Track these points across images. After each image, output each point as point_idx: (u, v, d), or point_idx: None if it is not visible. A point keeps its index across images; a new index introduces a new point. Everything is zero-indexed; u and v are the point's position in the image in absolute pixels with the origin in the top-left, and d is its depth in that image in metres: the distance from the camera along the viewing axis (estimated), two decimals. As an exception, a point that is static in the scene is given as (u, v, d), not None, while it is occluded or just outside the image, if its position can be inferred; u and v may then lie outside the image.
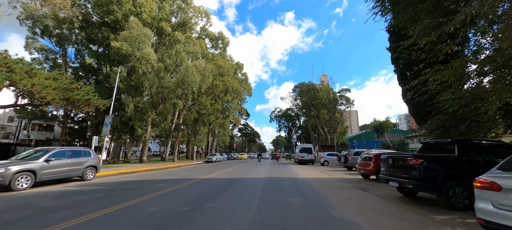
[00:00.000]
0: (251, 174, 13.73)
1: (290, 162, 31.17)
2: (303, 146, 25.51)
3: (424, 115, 12.09)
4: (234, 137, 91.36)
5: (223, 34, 33.82)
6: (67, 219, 4.38)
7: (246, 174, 13.37)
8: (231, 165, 22.34)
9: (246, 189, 8.00)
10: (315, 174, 14.13)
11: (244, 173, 13.95)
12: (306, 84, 53.49)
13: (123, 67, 22.46)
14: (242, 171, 15.41)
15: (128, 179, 11.25)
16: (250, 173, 14.39)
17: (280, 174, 13.67)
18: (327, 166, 22.55)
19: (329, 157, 22.89)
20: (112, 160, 27.55)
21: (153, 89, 25.25)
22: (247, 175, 12.77)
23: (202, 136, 36.02)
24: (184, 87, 23.19)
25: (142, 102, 24.14)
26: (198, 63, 23.81)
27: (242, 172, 15.01)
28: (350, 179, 11.63)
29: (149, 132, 25.73)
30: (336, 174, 14.26)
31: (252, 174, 13.75)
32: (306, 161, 24.85)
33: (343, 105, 53.75)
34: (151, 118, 25.45)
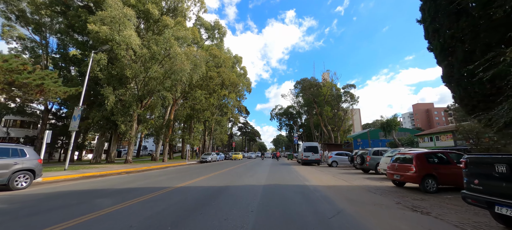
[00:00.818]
0: (246, 179, 10.60)
1: (292, 162, 28.00)
2: (307, 144, 22.36)
3: (479, 101, 8.93)
4: (234, 135, 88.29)
5: (219, 23, 30.70)
6: None
7: (239, 180, 10.23)
8: (225, 166, 19.23)
9: (231, 210, 4.87)
10: (327, 179, 10.98)
11: (237, 178, 10.82)
12: (308, 80, 50.28)
13: (103, 54, 19.41)
14: (235, 175, 12.27)
15: (77, 187, 8.15)
16: (244, 177, 11.25)
17: (283, 179, 10.53)
18: (336, 167, 19.40)
19: (338, 157, 19.74)
20: (95, 159, 24.52)
21: (138, 80, 22.16)
22: (240, 181, 9.64)
23: (197, 134, 32.93)
24: (172, 77, 20.07)
25: (126, 95, 21.05)
26: (189, 51, 20.69)
27: (235, 176, 11.87)
28: (379, 187, 8.48)
29: (135, 129, 22.64)
30: (354, 179, 11.10)
31: (247, 179, 10.61)
32: (311, 161, 21.71)
33: (347, 103, 50.55)
34: (137, 113, 22.36)
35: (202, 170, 15.27)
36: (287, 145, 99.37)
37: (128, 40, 18.08)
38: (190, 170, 15.87)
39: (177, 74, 19.26)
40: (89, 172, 13.18)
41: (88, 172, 12.91)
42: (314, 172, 14.41)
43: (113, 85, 21.39)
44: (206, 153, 30.28)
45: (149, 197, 6.19)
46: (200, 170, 15.32)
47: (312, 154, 21.58)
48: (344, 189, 8.06)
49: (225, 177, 11.09)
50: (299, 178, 11.00)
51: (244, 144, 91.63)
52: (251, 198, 6.23)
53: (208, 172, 13.90)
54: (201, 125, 34.95)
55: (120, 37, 18.19)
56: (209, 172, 13.90)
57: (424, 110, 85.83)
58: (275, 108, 66.03)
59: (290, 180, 10.38)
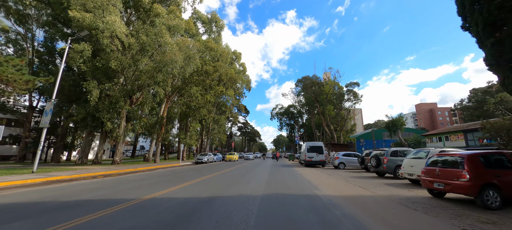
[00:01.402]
0: (240, 186, 8.53)
1: (294, 164, 25.89)
2: (311, 144, 20.26)
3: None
4: (234, 135, 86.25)
5: (216, 16, 28.71)
6: None
7: (231, 187, 8.16)
8: (219, 168, 17.17)
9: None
10: (341, 186, 8.89)
11: (229, 185, 8.75)
12: (310, 78, 48.19)
13: (86, 44, 17.42)
14: (227, 180, 10.19)
15: (14, 199, 6.11)
16: (238, 183, 9.17)
17: (286, 187, 8.46)
18: (343, 169, 17.33)
19: (345, 158, 17.65)
20: (80, 160, 22.49)
21: (128, 74, 20.16)
22: (232, 190, 7.57)
23: (194, 133, 30.88)
24: (163, 70, 18.06)
25: (113, 89, 19.03)
26: (181, 41, 18.67)
27: (227, 181, 9.80)
28: (412, 198, 6.41)
29: (123, 127, 20.62)
30: (374, 185, 9.02)
31: (241, 186, 8.54)
32: (315, 162, 19.61)
33: (350, 102, 48.40)
34: (125, 110, 20.34)
35: (191, 174, 13.22)
36: (287, 145, 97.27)
37: (112, 27, 16.08)
38: (178, 172, 13.82)
39: (167, 66, 17.23)
40: (59, 175, 11.17)
41: (58, 176, 10.88)
42: (321, 176, 12.32)
43: (98, 79, 19.41)
44: (202, 153, 28.22)
45: (89, 219, 4.12)
46: (189, 173, 13.28)
47: (316, 154, 19.50)
48: (369, 201, 5.99)
49: (215, 183, 9.03)
50: (306, 185, 8.91)
51: (244, 144, 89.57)
52: (241, 219, 4.17)
53: (196, 176, 11.85)
54: (197, 123, 32.91)
55: (104, 24, 16.19)
56: (198, 176, 11.84)
57: (427, 110, 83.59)
58: (275, 108, 64.02)
59: (295, 187, 8.29)
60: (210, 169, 16.68)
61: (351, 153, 18.06)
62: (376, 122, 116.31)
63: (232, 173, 13.25)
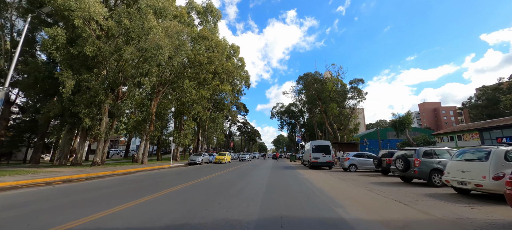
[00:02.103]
0: (225, 202, 6.03)
1: (297, 165, 23.38)
2: (317, 143, 17.75)
3: None
4: (233, 135, 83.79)
5: (212, 5, 26.29)
6: None
7: (210, 206, 5.65)
8: (210, 171, 14.70)
9: None
10: (367, 198, 6.40)
11: (209, 201, 6.22)
12: (312, 75, 45.70)
13: (60, 28, 15.02)
14: (210, 191, 7.71)
15: None
16: (224, 198, 6.67)
17: (293, 202, 5.96)
18: (355, 172, 14.84)
19: (357, 160, 15.14)
20: (58, 161, 20.05)
21: (110, 64, 17.73)
22: (208, 213, 5.09)
23: (188, 132, 28.41)
24: (148, 58, 15.61)
25: (91, 81, 16.58)
26: (170, 25, 16.23)
27: (211, 193, 7.32)
28: (495, 223, 3.92)
29: (105, 124, 18.18)
30: (408, 196, 6.54)
31: (226, 202, 6.05)
32: (321, 164, 17.11)
33: (353, 99, 45.84)
34: (108, 104, 17.92)
35: (172, 179, 10.77)
36: (288, 145, 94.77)
37: (86, 6, 13.65)
38: (158, 177, 11.37)
39: (151, 52, 14.77)
40: (9, 181, 8.74)
41: (4, 182, 8.46)
42: (335, 182, 9.81)
43: (77, 69, 16.99)
44: (196, 154, 25.75)
45: None
46: (170, 178, 10.82)
47: (323, 155, 17.00)
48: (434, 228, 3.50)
49: (192, 196, 6.55)
50: (320, 198, 6.41)
51: (243, 144, 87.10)
52: None
53: (175, 182, 9.37)
54: (193, 122, 30.44)
55: (77, 3, 13.77)
56: (177, 182, 9.37)
57: (431, 110, 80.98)
58: (276, 106, 61.48)
59: (307, 203, 5.77)
60: (199, 172, 14.20)
61: (364, 153, 15.55)
62: (378, 122, 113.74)
63: (222, 178, 10.75)
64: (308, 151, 18.79)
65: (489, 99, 44.63)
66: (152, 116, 20.86)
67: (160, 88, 22.02)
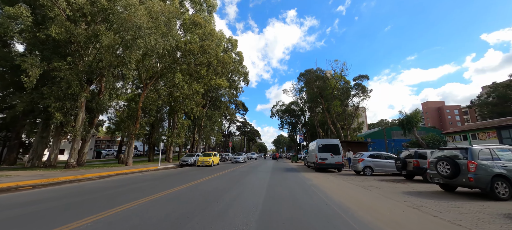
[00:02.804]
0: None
1: (299, 167, 20.94)
2: (324, 141, 15.29)
3: None
4: (232, 135, 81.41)
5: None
6: None
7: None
8: (197, 176, 12.28)
9: None
10: (427, 224, 3.95)
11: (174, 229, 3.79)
12: (314, 72, 43.27)
13: (24, 8, 12.66)
14: (181, 209, 5.30)
15: None
16: (197, 222, 4.24)
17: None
18: (370, 175, 12.42)
19: (373, 161, 12.70)
20: (30, 162, 17.66)
21: (86, 51, 15.35)
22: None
23: (182, 130, 26.03)
24: (126, 41, 13.21)
25: (65, 70, 14.18)
26: (152, 3, 13.83)
27: (183, 211, 4.90)
28: None
29: (81, 120, 15.78)
30: (477, 217, 4.11)
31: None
32: (329, 166, 14.66)
33: (357, 97, 43.37)
34: (84, 98, 15.52)
35: (146, 187, 8.37)
36: (288, 145, 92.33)
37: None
38: (130, 184, 8.95)
39: (127, 32, 12.37)
40: None
41: None
42: (356, 192, 7.38)
43: (48, 57, 14.62)
44: (189, 154, 23.33)
45: None
46: (143, 186, 8.42)
47: (331, 155, 14.55)
48: None
49: (152, 219, 4.14)
50: (349, 223, 3.98)
51: (243, 144, 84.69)
52: None
53: (145, 193, 6.98)
54: (186, 120, 28.06)
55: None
56: (147, 193, 6.97)
57: (435, 109, 78.48)
58: (276, 105, 59.02)
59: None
60: (185, 176, 11.78)
61: (381, 153, 13.09)
62: (379, 121, 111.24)
63: (209, 186, 8.32)
64: (313, 150, 16.36)
65: (500, 96, 42.16)
66: (137, 112, 18.44)
67: (148, 81, 19.63)
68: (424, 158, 10.08)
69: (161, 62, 18.60)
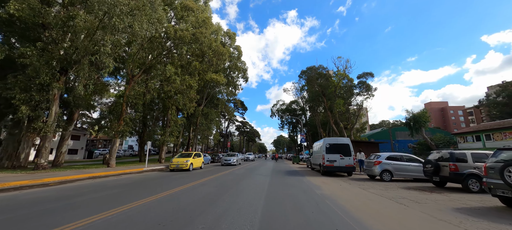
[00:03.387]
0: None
1: (302, 169, 18.82)
2: (332, 140, 13.15)
3: None
4: (232, 135, 79.32)
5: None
6: None
7: None
8: (176, 183, 10.20)
9: None
10: None
11: None
12: (315, 69, 41.23)
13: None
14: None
15: None
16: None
17: None
18: (389, 180, 10.32)
19: (391, 164, 10.58)
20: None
21: (66, 39, 13.29)
22: None
23: (175, 129, 23.95)
24: (103, 20, 11.14)
25: (32, 56, 12.10)
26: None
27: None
28: None
29: (55, 115, 13.69)
30: None
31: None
32: (338, 169, 12.53)
33: (361, 95, 41.22)
34: (57, 89, 13.44)
35: (109, 197, 6.27)
36: (288, 146, 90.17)
37: None
38: (84, 194, 6.86)
39: (99, 8, 10.29)
40: None
41: None
42: (388, 209, 5.25)
43: (6, 39, 12.56)
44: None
45: None
46: (98, 196, 6.32)
47: (341, 157, 12.43)
48: None
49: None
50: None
51: (242, 145, 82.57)
52: None
53: (98, 209, 4.86)
54: (180, 117, 25.96)
55: None
56: (102, 209, 4.86)
57: (439, 110, 76.30)
58: (276, 104, 56.90)
59: None
60: (164, 183, 9.69)
61: (402, 155, 10.94)
62: (381, 122, 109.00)
63: (195, 195, 6.20)
64: (319, 151, 14.25)
65: (511, 96, 40.04)
66: (120, 107, 16.34)
67: (135, 73, 17.55)
68: (463, 161, 7.96)
69: (149, 51, 16.53)
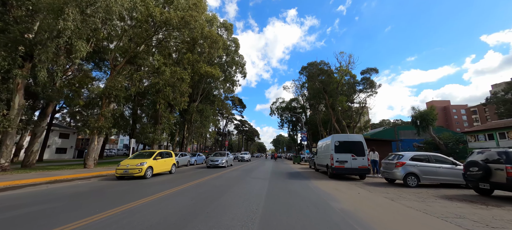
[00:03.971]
0: None
1: (304, 170, 16.74)
2: (342, 137, 11.06)
3: None
4: (231, 134, 77.25)
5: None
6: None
7: None
8: (138, 195, 8.14)
9: None
10: None
11: None
12: (317, 65, 39.12)
13: None
14: None
15: None
16: None
17: None
18: (415, 186, 8.25)
19: (417, 166, 8.51)
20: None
21: (34, 20, 11.18)
22: None
23: (166, 126, 21.90)
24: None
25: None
26: None
27: None
28: None
29: (18, 107, 11.59)
30: None
31: None
32: (349, 171, 10.46)
33: (365, 92, 39.20)
34: (21, 78, 11.36)
35: (39, 211, 4.11)
36: (288, 145, 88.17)
37: None
38: (23, 206, 4.73)
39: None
40: None
41: None
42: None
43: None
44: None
45: None
46: (37, 209, 4.19)
47: (353, 156, 10.37)
48: None
49: None
50: None
51: (241, 144, 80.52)
52: None
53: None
54: (171, 114, 23.86)
55: None
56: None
57: (441, 109, 74.34)
58: (276, 102, 54.81)
59: None
60: (123, 191, 7.64)
61: (429, 155, 8.87)
62: (381, 122, 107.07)
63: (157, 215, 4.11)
64: (325, 150, 12.19)
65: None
66: (100, 101, 14.23)
67: (116, 62, 15.45)
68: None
69: (134, 39, 14.42)
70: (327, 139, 12.51)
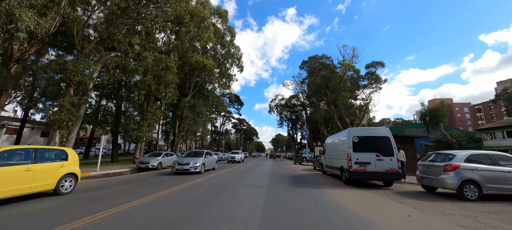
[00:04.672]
0: None
1: (308, 172, 14.07)
2: (363, 132, 8.29)
3: None
4: (229, 133, 74.61)
5: None
6: None
7: None
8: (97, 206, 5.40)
9: None
10: None
11: None
12: (318, 59, 36.50)
13: None
14: None
15: None
16: None
17: None
18: (475, 199, 5.59)
19: (478, 170, 5.91)
20: None
21: None
22: None
23: (152, 121, 19.29)
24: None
25: None
26: None
27: None
28: None
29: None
30: None
31: None
32: (374, 176, 7.83)
33: (369, 88, 36.57)
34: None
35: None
36: (287, 144, 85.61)
37: None
38: None
39: None
40: None
41: None
42: None
43: None
44: (153, 153, 16.61)
45: None
46: None
47: (378, 156, 7.76)
48: None
49: None
50: None
51: (239, 143, 77.88)
52: None
53: None
54: (160, 110, 21.19)
55: None
56: None
57: (443, 107, 72.16)
58: (275, 99, 52.23)
59: None
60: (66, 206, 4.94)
61: (493, 154, 6.30)
62: (381, 121, 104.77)
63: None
64: (338, 148, 9.57)
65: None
66: (66, 94, 11.52)
67: (86, 45, 12.76)
68: None
69: (109, 19, 11.77)
70: (341, 134, 9.89)
